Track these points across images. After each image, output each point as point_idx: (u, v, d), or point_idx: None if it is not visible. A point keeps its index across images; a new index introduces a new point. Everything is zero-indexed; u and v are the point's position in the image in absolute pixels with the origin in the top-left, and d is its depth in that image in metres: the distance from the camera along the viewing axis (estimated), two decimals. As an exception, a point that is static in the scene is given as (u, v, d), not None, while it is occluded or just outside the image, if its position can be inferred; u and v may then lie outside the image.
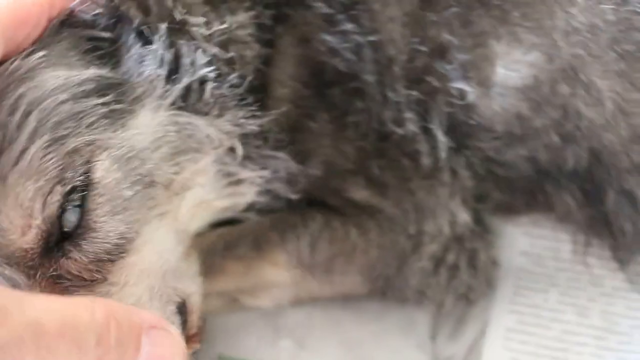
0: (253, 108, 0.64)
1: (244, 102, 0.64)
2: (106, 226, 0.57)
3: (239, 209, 0.69)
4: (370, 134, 0.67)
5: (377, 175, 0.68)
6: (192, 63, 0.62)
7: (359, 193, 0.69)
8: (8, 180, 0.53)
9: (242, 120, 0.64)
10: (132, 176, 0.58)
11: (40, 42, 0.58)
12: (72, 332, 0.46)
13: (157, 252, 0.61)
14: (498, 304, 0.73)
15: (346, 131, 0.67)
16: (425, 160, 0.68)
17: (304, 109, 0.68)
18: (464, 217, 0.69)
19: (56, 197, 0.54)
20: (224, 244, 0.70)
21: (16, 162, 0.53)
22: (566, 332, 0.71)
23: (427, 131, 0.68)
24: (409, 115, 0.67)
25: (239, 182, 0.67)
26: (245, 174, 0.66)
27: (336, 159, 0.68)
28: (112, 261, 0.58)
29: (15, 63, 0.56)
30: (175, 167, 0.62)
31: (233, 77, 0.63)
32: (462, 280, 0.70)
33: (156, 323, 0.51)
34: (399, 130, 0.67)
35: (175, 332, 0.52)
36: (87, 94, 0.57)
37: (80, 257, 0.56)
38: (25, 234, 0.54)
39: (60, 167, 0.55)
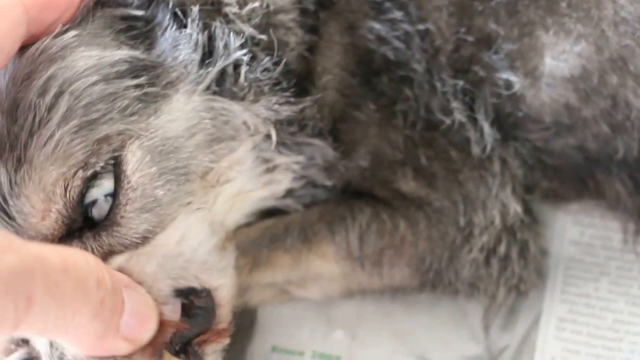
0: (288, 94, 0.64)
1: (279, 87, 0.64)
2: (132, 223, 0.58)
3: (275, 198, 0.69)
4: (419, 123, 0.67)
5: (426, 165, 0.68)
6: (226, 46, 0.62)
7: (407, 184, 0.69)
8: (33, 163, 0.54)
9: (277, 106, 0.64)
10: (166, 169, 0.58)
11: (73, 21, 0.58)
12: (75, 271, 0.48)
13: (178, 245, 0.60)
14: (549, 294, 0.73)
15: (394, 120, 0.67)
16: (475, 150, 0.67)
17: (350, 98, 0.68)
18: (515, 207, 0.69)
19: (77, 182, 0.55)
20: (270, 235, 0.70)
21: (43, 146, 0.54)
22: (618, 321, 0.71)
23: (474, 121, 0.68)
24: (456, 104, 0.67)
25: (274, 169, 0.67)
26: (281, 160, 0.66)
27: (384, 149, 0.68)
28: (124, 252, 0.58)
29: (46, 42, 0.56)
30: (211, 156, 0.62)
31: (267, 61, 0.63)
32: (514, 271, 0.69)
33: (128, 283, 0.54)
34: (447, 120, 0.67)
35: (147, 294, 0.55)
36: (120, 75, 0.57)
37: (96, 247, 0.57)
38: (45, 219, 0.55)
39: (87, 153, 0.55)
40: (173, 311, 0.60)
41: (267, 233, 0.70)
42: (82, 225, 0.57)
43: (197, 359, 0.62)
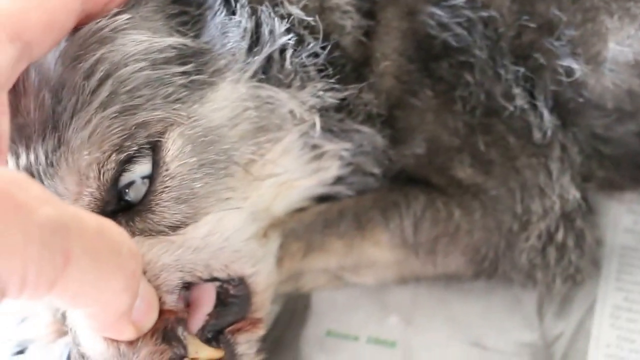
0: (334, 80, 0.64)
1: (325, 73, 0.64)
2: (166, 212, 0.57)
3: (323, 185, 0.69)
4: (478, 109, 0.67)
5: (483, 152, 0.67)
6: (272, 32, 0.61)
7: (464, 171, 0.68)
8: (70, 145, 0.54)
9: (324, 93, 0.63)
10: (206, 161, 0.58)
11: (127, 3, 0.58)
12: (110, 236, 0.47)
13: (206, 239, 0.60)
14: (604, 282, 0.72)
15: (452, 106, 0.67)
16: (536, 135, 0.67)
17: (407, 85, 0.67)
18: (574, 193, 0.68)
19: (111, 165, 0.55)
20: (324, 221, 0.70)
21: (81, 129, 0.54)
22: (674, 309, 0.70)
23: (534, 107, 0.67)
24: (517, 91, 0.66)
25: (322, 156, 0.66)
26: (328, 147, 0.66)
27: (441, 135, 0.68)
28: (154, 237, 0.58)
29: (99, 24, 0.56)
30: (255, 147, 0.61)
31: (315, 45, 0.63)
32: (570, 260, 0.69)
33: None
34: (509, 106, 0.66)
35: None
36: (167, 62, 0.57)
37: (127, 231, 0.55)
38: (78, 201, 0.55)
39: (123, 136, 0.55)
40: (177, 301, 0.58)
41: (320, 218, 0.70)
42: (115, 208, 0.57)
43: (228, 348, 0.61)
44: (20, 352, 0.65)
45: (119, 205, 0.57)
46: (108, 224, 0.47)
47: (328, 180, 0.68)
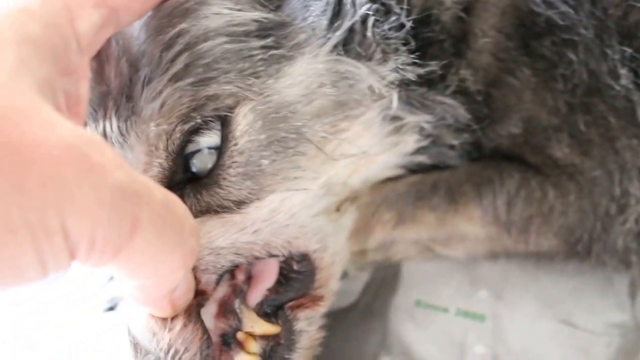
0: (415, 55, 0.62)
1: (407, 47, 0.63)
2: (232, 187, 0.57)
3: (402, 158, 0.68)
4: (579, 88, 0.65)
5: (582, 132, 0.66)
6: (353, 3, 0.60)
7: (561, 150, 0.67)
8: (142, 115, 0.55)
9: (406, 67, 0.62)
10: (276, 138, 0.57)
11: None
12: (175, 210, 0.47)
13: (268, 218, 0.59)
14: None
15: (553, 84, 0.66)
16: None
17: (505, 62, 0.66)
18: None
19: (177, 135, 0.55)
20: (416, 192, 0.70)
21: (153, 99, 0.54)
22: None
23: (638, 88, 0.66)
24: (623, 71, 0.64)
25: (401, 128, 0.65)
26: (409, 118, 0.65)
27: (539, 114, 0.67)
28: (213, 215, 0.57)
29: None
30: (331, 125, 0.60)
31: (398, 18, 0.62)
32: None
33: None
34: (616, 85, 0.64)
35: None
36: (247, 35, 0.57)
37: (194, 204, 0.57)
38: (148, 171, 0.56)
39: (192, 107, 0.55)
40: (209, 283, 0.58)
41: (413, 190, 0.70)
42: (183, 179, 0.57)
43: (286, 324, 0.61)
44: (111, 308, 0.68)
45: (186, 176, 0.57)
46: (174, 198, 0.47)
47: (407, 152, 0.68)
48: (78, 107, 0.50)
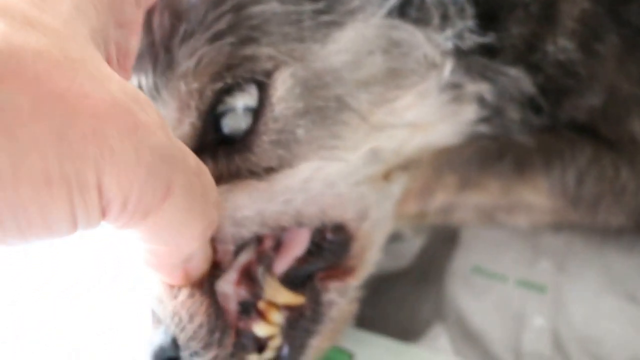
0: (476, 21, 0.58)
1: (467, 13, 0.58)
2: (265, 154, 0.55)
3: (463, 129, 0.63)
4: None
5: None
6: None
7: None
8: (177, 71, 0.53)
9: (465, 35, 0.58)
10: (315, 105, 0.54)
11: None
12: (205, 180, 0.46)
13: (300, 187, 0.56)
14: None
15: (638, 53, 0.62)
16: None
17: (593, 29, 0.62)
18: None
19: (209, 94, 0.53)
20: (481, 158, 0.67)
21: (190, 55, 0.52)
22: None
23: None
24: None
25: (461, 97, 0.61)
26: (470, 87, 0.60)
27: (621, 85, 0.63)
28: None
29: None
30: (379, 95, 0.57)
31: None
32: None
33: None
34: None
35: None
36: None
37: (225, 167, 0.55)
38: (178, 129, 0.54)
39: (227, 67, 0.53)
40: (226, 254, 0.55)
41: (478, 155, 0.67)
42: (215, 141, 0.55)
43: (313, 294, 0.58)
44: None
45: (218, 138, 0.55)
46: (204, 167, 0.47)
47: (467, 122, 0.63)
48: (126, 61, 0.49)
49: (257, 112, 0.54)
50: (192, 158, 0.45)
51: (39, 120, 0.37)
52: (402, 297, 0.69)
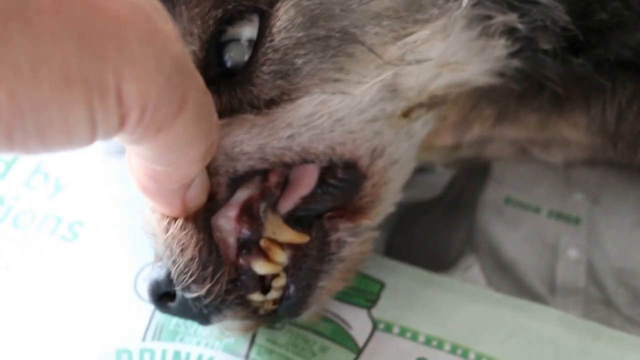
0: None
1: None
2: (265, 85, 0.53)
3: (494, 65, 0.61)
4: None
5: None
6: None
7: None
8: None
9: None
10: (316, 35, 0.52)
11: None
12: (209, 101, 0.46)
13: (312, 116, 0.54)
14: None
15: None
16: None
17: None
18: None
19: (211, 22, 0.52)
20: (521, 91, 0.64)
21: None
22: None
23: None
24: None
25: (489, 29, 0.58)
26: (499, 18, 0.57)
27: None
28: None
29: None
30: (390, 29, 0.54)
31: None
32: None
33: None
34: None
35: None
36: None
37: (227, 101, 0.53)
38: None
39: None
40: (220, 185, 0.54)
41: (517, 88, 0.64)
42: (218, 74, 0.53)
43: (320, 234, 0.57)
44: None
45: (221, 71, 0.54)
46: (206, 88, 0.46)
47: (497, 57, 0.61)
48: None
49: (256, 43, 0.52)
50: (199, 76, 0.45)
51: (60, 17, 0.37)
52: (433, 226, 0.69)
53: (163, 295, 0.54)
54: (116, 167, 0.70)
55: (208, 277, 0.52)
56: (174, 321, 0.61)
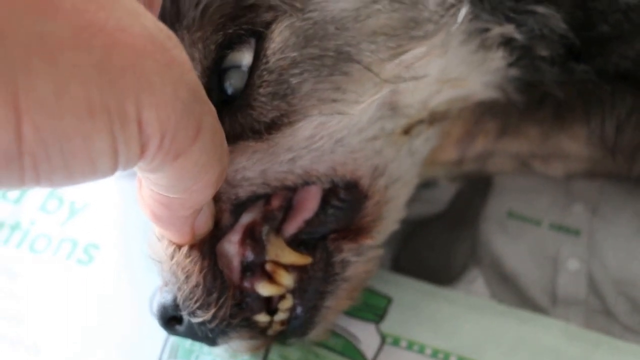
0: None
1: None
2: (263, 108, 0.53)
3: (493, 77, 0.61)
4: None
5: None
6: None
7: None
8: (184, 22, 0.52)
9: None
10: (310, 55, 0.53)
11: None
12: (220, 130, 0.46)
13: (312, 138, 0.55)
14: None
15: None
16: None
17: None
18: None
19: (212, 47, 0.52)
20: (523, 104, 0.64)
21: (196, 5, 0.52)
22: None
23: None
24: None
25: (487, 42, 0.59)
26: (496, 30, 0.58)
27: None
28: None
29: None
30: (385, 47, 0.54)
31: None
32: None
33: None
34: None
35: None
36: None
37: (230, 128, 0.54)
38: None
39: (229, 17, 0.52)
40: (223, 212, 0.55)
41: (519, 100, 0.65)
42: (219, 101, 0.54)
43: (324, 255, 0.57)
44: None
45: (222, 97, 0.54)
46: (217, 117, 0.47)
47: (496, 69, 0.61)
48: (152, 6, 0.49)
49: (252, 66, 0.53)
50: (211, 103, 0.46)
51: (80, 49, 0.37)
52: (438, 241, 0.71)
53: (171, 319, 0.56)
54: (129, 189, 0.72)
55: (213, 303, 0.54)
56: (189, 340, 0.63)
